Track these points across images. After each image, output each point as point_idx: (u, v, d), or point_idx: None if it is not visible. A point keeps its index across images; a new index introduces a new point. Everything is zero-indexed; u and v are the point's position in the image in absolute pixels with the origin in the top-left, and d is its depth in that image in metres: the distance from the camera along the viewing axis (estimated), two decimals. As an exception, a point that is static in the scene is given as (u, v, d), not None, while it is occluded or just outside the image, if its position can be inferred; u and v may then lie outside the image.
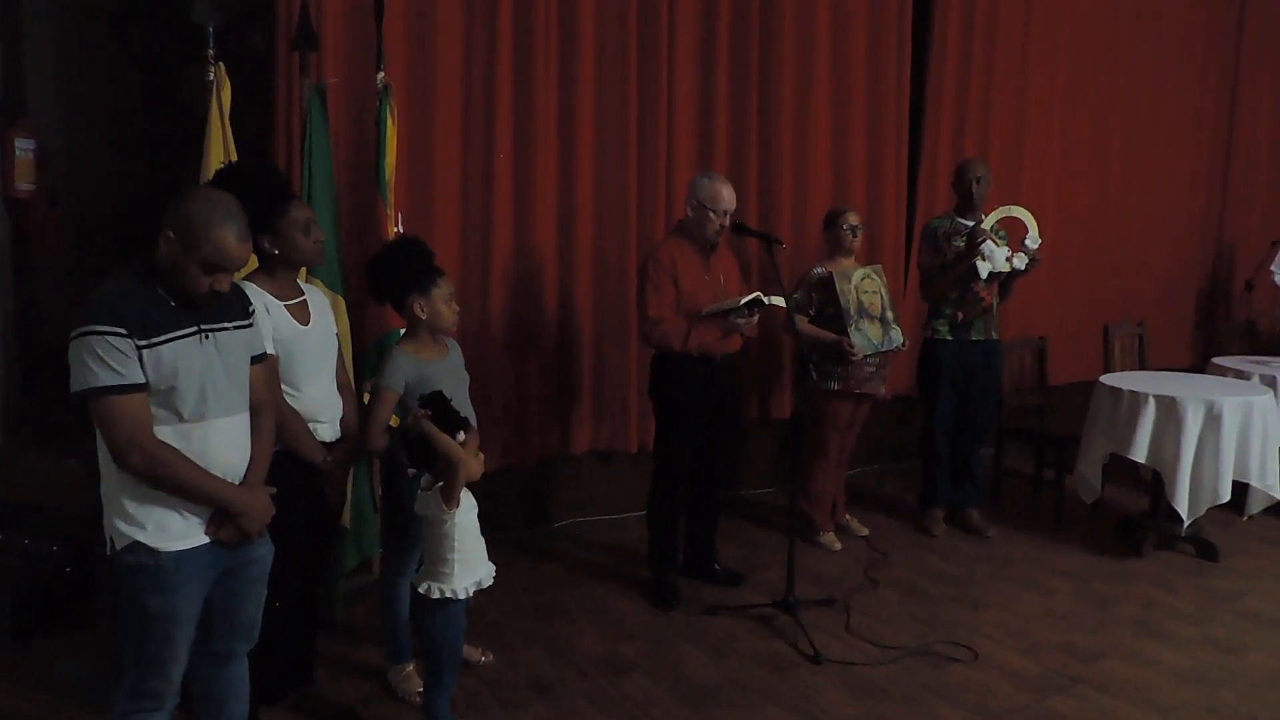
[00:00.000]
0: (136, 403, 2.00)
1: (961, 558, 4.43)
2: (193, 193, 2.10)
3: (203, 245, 2.01)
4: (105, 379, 1.96)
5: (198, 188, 2.18)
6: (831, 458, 4.54)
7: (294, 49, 3.45)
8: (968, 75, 5.77)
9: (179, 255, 2.02)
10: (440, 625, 2.64)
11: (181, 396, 2.05)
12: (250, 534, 2.19)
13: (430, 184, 4.09)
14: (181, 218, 2.02)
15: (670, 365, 3.77)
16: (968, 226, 4.53)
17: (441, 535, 2.57)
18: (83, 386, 1.98)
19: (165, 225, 2.02)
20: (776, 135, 5.08)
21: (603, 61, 4.50)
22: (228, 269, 2.06)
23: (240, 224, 2.06)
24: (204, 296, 2.07)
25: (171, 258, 2.03)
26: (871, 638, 3.56)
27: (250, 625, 2.33)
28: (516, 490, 4.58)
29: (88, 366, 1.96)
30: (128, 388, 1.98)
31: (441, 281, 2.90)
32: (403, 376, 2.84)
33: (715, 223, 3.73)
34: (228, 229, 2.03)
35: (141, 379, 2.00)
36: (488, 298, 4.30)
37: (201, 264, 2.02)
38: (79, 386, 1.98)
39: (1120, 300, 6.75)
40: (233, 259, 2.05)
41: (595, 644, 3.50)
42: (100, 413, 1.99)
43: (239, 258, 2.07)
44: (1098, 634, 3.64)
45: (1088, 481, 4.52)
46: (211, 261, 2.03)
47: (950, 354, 4.59)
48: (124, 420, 1.99)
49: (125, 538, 2.07)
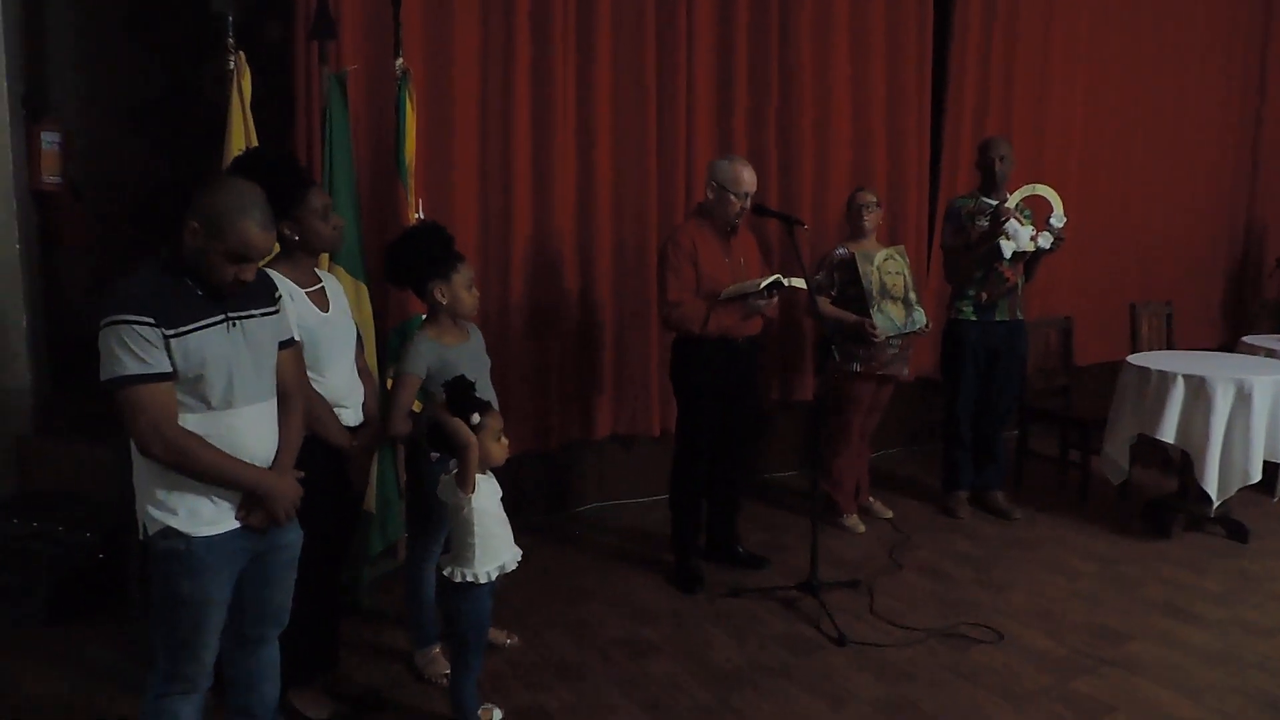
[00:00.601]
0: (162, 391, 2.02)
1: (986, 540, 4.40)
2: (217, 183, 2.11)
3: (227, 235, 2.02)
4: (132, 368, 1.98)
5: (222, 177, 2.19)
6: (854, 440, 4.52)
7: (312, 37, 3.46)
8: (989, 52, 5.70)
9: (204, 245, 2.03)
10: (465, 608, 2.66)
11: (209, 385, 2.07)
12: (279, 518, 2.21)
13: (450, 169, 4.09)
14: (206, 208, 2.03)
15: (690, 348, 3.76)
16: (991, 205, 4.48)
17: (462, 520, 2.59)
18: (111, 375, 2.00)
19: (190, 216, 2.04)
20: (797, 115, 5.05)
21: (621, 43, 4.48)
22: (252, 259, 2.07)
23: (264, 213, 2.07)
24: (229, 286, 2.08)
25: (197, 248, 2.04)
26: (896, 619, 3.55)
27: (280, 609, 2.36)
28: (538, 475, 4.60)
29: (115, 355, 1.98)
30: (154, 376, 2.00)
31: (462, 267, 2.91)
32: (424, 362, 2.86)
33: (735, 205, 3.71)
34: (251, 219, 2.05)
35: (168, 368, 2.02)
36: (508, 282, 4.30)
37: (226, 254, 2.04)
38: (107, 375, 2.00)
39: (1147, 279, 6.67)
40: (257, 249, 2.07)
41: (619, 627, 3.52)
42: (126, 401, 2.01)
43: (263, 247, 2.08)
44: (1125, 616, 3.61)
45: (1115, 462, 4.47)
46: (236, 251, 2.04)
47: (974, 335, 4.55)
48: (149, 409, 2.00)
49: (157, 523, 2.10)
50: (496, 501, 2.65)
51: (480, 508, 2.58)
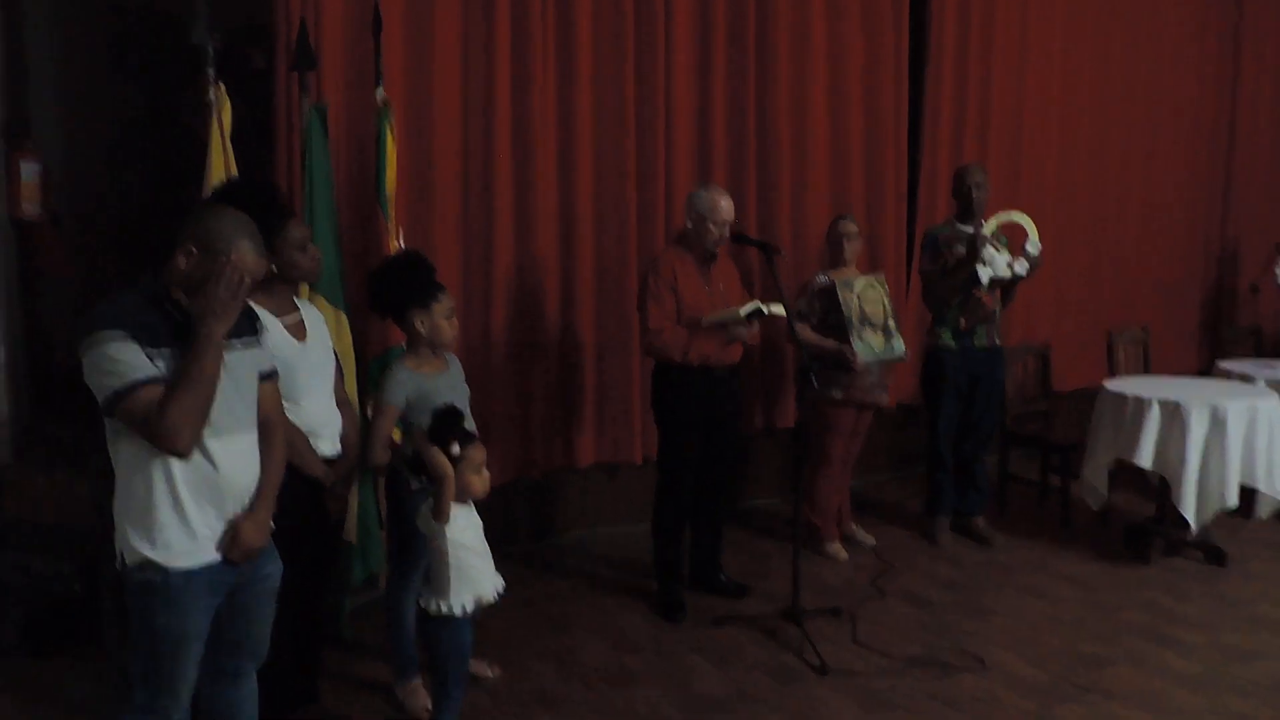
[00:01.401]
0: (158, 393, 1.99)
1: (968, 565, 4.42)
2: (210, 210, 2.14)
3: (223, 257, 2.04)
4: (125, 377, 1.97)
5: (218, 204, 2.21)
6: (836, 467, 4.53)
7: (293, 68, 3.48)
8: (965, 81, 5.78)
9: (198, 270, 2.04)
10: (444, 640, 2.65)
11: None
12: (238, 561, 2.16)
13: (431, 198, 4.11)
14: (202, 233, 2.05)
15: (671, 377, 3.78)
16: (967, 233, 4.53)
17: (437, 550, 2.58)
18: (107, 393, 1.98)
19: (185, 241, 2.05)
20: (775, 144, 5.10)
21: (600, 74, 4.52)
22: (247, 281, 2.07)
23: (258, 241, 2.11)
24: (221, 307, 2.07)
25: (189, 271, 2.05)
26: (878, 647, 3.55)
27: (259, 642, 2.34)
28: (522, 503, 4.59)
29: (105, 371, 1.97)
30: (147, 381, 1.98)
31: (442, 297, 2.92)
32: (403, 392, 2.86)
33: (714, 233, 3.74)
34: (248, 244, 2.08)
35: (157, 372, 2.00)
36: (490, 310, 4.31)
37: (223, 284, 2.03)
38: (104, 393, 1.99)
39: (1123, 305, 6.73)
40: (252, 272, 2.09)
41: (601, 656, 3.50)
42: (127, 412, 1.99)
43: (257, 271, 2.10)
44: (1106, 641, 3.62)
45: (1093, 488, 4.50)
46: (237, 279, 2.04)
47: (954, 361, 4.58)
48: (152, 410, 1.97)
49: (136, 554, 2.08)
50: (475, 533, 2.64)
51: (456, 539, 2.57)
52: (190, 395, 2.00)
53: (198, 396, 2.02)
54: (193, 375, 2.01)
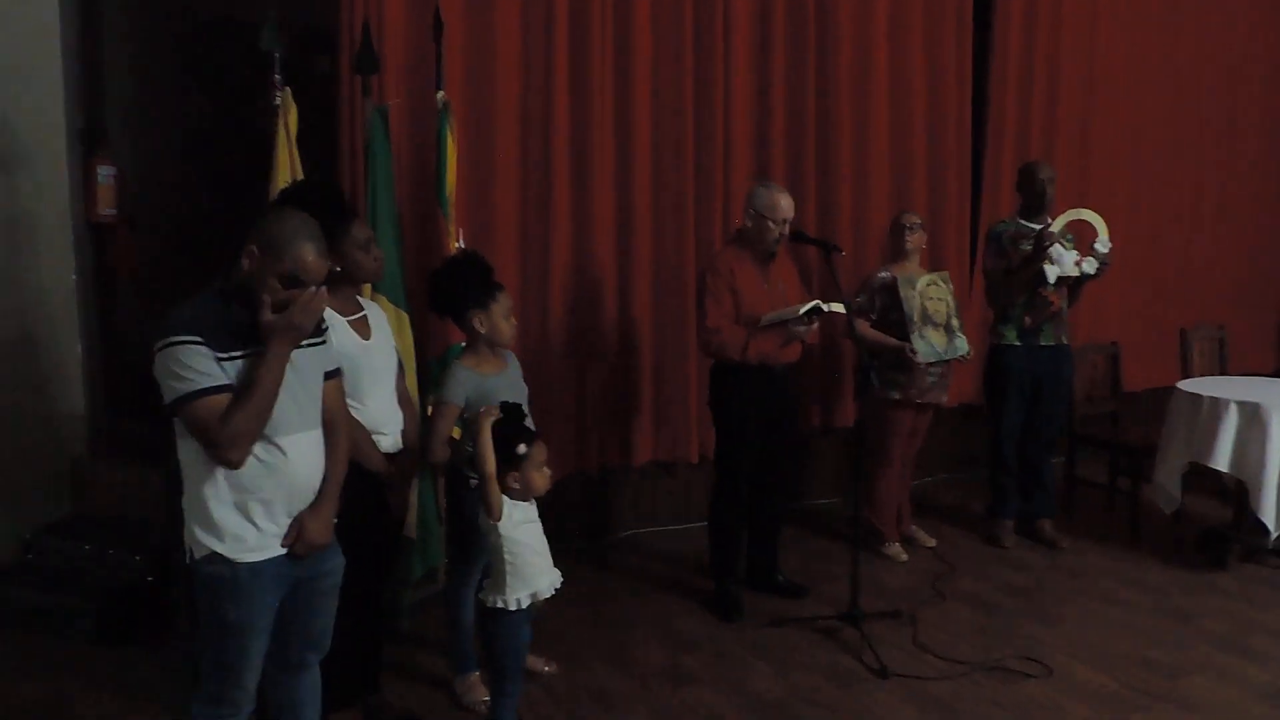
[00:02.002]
0: (223, 402, 2.05)
1: (1033, 570, 4.31)
2: (278, 212, 2.19)
3: (284, 257, 2.08)
4: (195, 382, 2.03)
5: (283, 208, 2.25)
6: (895, 467, 4.46)
7: (356, 72, 3.54)
8: (1031, 72, 5.64)
9: (260, 269, 2.09)
10: (501, 634, 2.67)
11: None
12: (302, 324, 2.14)
13: (490, 198, 4.15)
14: (266, 233, 2.10)
15: (729, 375, 3.76)
16: (1033, 230, 4.42)
17: (493, 546, 2.60)
18: (174, 395, 2.04)
19: (250, 241, 2.10)
20: (835, 140, 5.04)
21: (658, 71, 4.52)
22: (305, 283, 2.11)
23: (320, 243, 2.14)
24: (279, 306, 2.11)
25: (253, 271, 2.10)
26: (940, 651, 3.49)
27: (322, 635, 2.38)
28: (577, 501, 4.60)
29: (174, 375, 2.03)
30: (213, 389, 2.04)
31: (501, 296, 2.94)
32: (463, 391, 2.89)
33: (774, 231, 3.71)
34: (308, 245, 2.11)
35: (225, 380, 2.06)
36: (547, 309, 4.34)
37: (281, 277, 2.09)
38: (170, 397, 2.05)
39: (1198, 302, 6.51)
40: (310, 273, 2.12)
41: (658, 655, 3.50)
42: (190, 417, 2.05)
43: (316, 273, 2.13)
44: (1179, 650, 3.51)
45: (1166, 491, 4.36)
46: (290, 274, 2.09)
47: (1018, 360, 4.48)
48: (214, 419, 2.03)
49: (204, 548, 2.14)
50: (534, 529, 2.65)
51: (513, 535, 2.59)
52: (252, 408, 2.06)
53: (259, 410, 2.08)
54: (256, 391, 2.07)
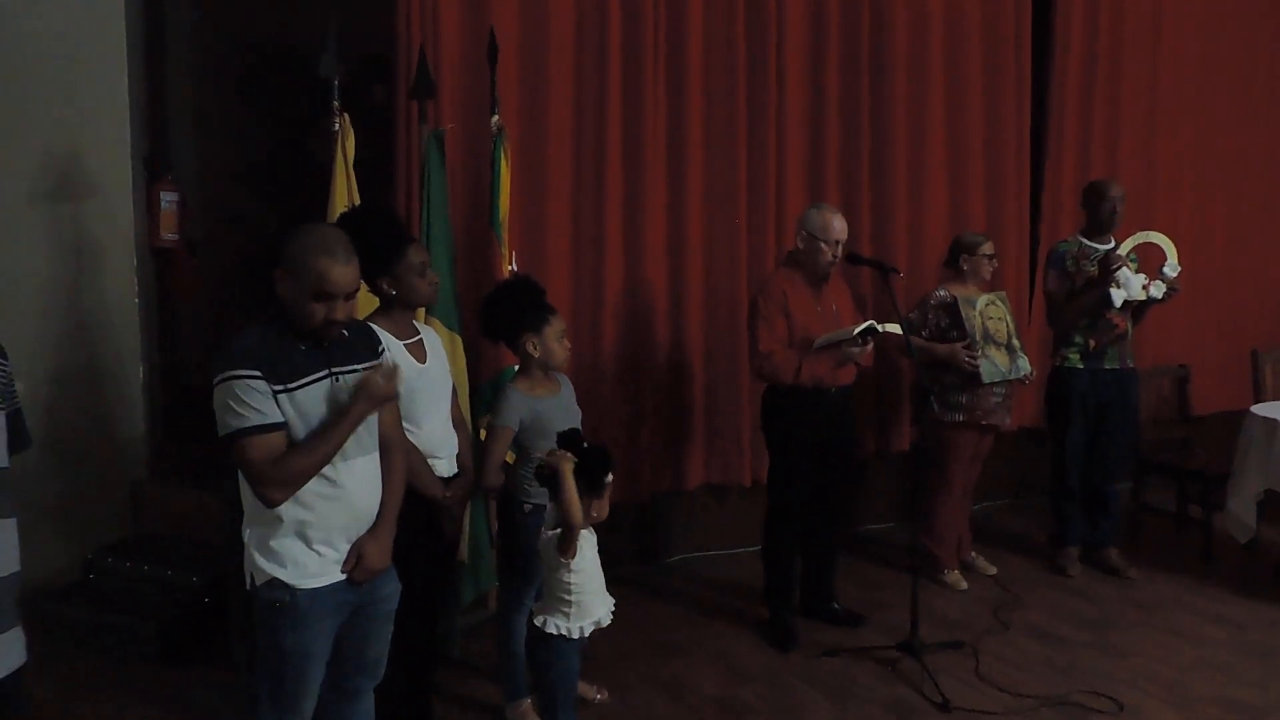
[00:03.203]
0: (275, 440, 2.07)
1: (1101, 600, 4.16)
2: (296, 231, 2.16)
3: (306, 274, 2.07)
4: (250, 419, 2.04)
5: (302, 225, 2.24)
6: (956, 492, 4.35)
7: (413, 97, 3.58)
8: (1092, 89, 5.52)
9: (292, 290, 2.09)
10: (554, 662, 2.62)
11: None
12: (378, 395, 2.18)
13: (543, 223, 4.16)
14: (288, 254, 2.10)
15: (782, 398, 3.70)
16: (1097, 250, 4.31)
17: (559, 580, 2.55)
18: (228, 430, 2.06)
19: (278, 266, 2.11)
20: (890, 160, 4.97)
21: (711, 94, 4.50)
22: (334, 294, 2.09)
23: (342, 251, 2.10)
24: (321, 328, 2.11)
25: (286, 295, 2.11)
26: (1004, 685, 3.37)
27: (377, 662, 2.37)
28: (629, 525, 4.56)
29: (231, 409, 2.05)
30: (267, 427, 2.05)
31: (553, 319, 2.93)
32: (517, 414, 2.87)
33: (827, 253, 3.65)
34: (328, 256, 2.08)
35: (280, 418, 2.07)
36: (600, 333, 4.33)
37: (310, 293, 2.08)
38: (225, 430, 2.07)
39: (1270, 323, 6.28)
40: (336, 284, 2.09)
41: (712, 685, 3.43)
42: (242, 452, 2.06)
43: (343, 283, 2.10)
44: (1261, 690, 3.34)
45: (1240, 519, 4.19)
46: (316, 289, 2.08)
47: (1082, 383, 4.35)
48: (263, 457, 2.05)
49: (264, 574, 2.14)
50: (594, 555, 2.61)
51: (578, 568, 2.55)
52: (313, 459, 2.09)
53: (317, 463, 2.10)
54: (321, 445, 2.09)
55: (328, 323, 2.12)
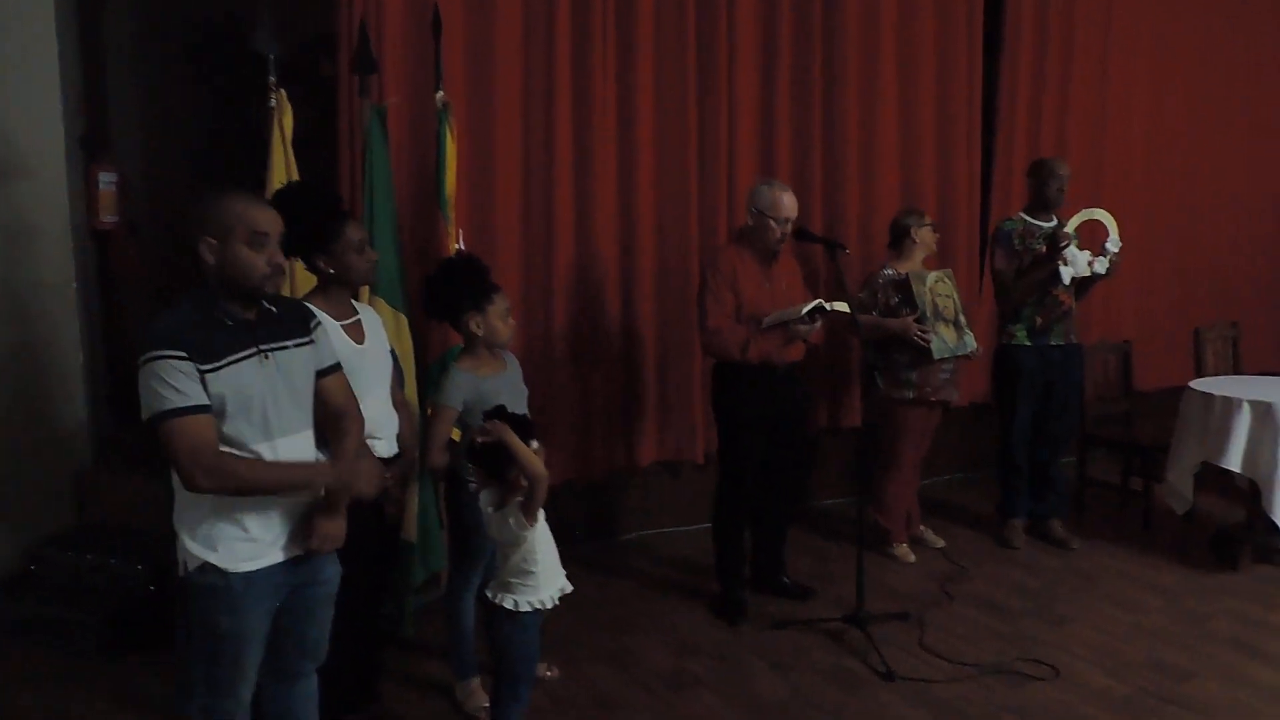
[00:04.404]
0: (201, 424, 2.03)
1: (1043, 571, 4.25)
2: (209, 199, 2.13)
3: (234, 224, 2.06)
4: (172, 401, 2.00)
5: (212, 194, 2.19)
6: (906, 467, 4.41)
7: (354, 72, 3.52)
8: (1044, 68, 5.56)
9: (222, 251, 2.07)
10: (519, 638, 2.61)
11: (245, 418, 2.09)
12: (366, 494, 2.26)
13: (491, 199, 4.13)
14: (207, 219, 2.08)
15: (731, 375, 3.72)
16: (1041, 228, 4.37)
17: (524, 552, 2.54)
18: (151, 411, 2.02)
19: (199, 237, 2.08)
20: (842, 137, 4.99)
21: (661, 70, 4.48)
22: (267, 232, 2.09)
23: (257, 199, 2.11)
24: (268, 277, 2.09)
25: (217, 259, 2.08)
26: (947, 654, 3.44)
27: (317, 644, 2.36)
28: (582, 503, 4.57)
29: (154, 391, 2.01)
30: (191, 409, 2.02)
31: (497, 298, 2.92)
32: (460, 394, 2.86)
33: (776, 231, 3.67)
34: (246, 200, 2.10)
35: (205, 400, 2.04)
36: (551, 310, 4.31)
37: (247, 242, 2.07)
38: (148, 412, 2.03)
39: (1212, 300, 6.42)
40: (268, 222, 2.10)
41: (661, 659, 3.46)
42: (166, 435, 2.02)
43: (272, 221, 2.11)
44: (1190, 652, 3.45)
45: (1178, 491, 4.30)
46: (248, 234, 2.07)
47: (1029, 360, 4.42)
48: (189, 441, 2.02)
49: (196, 559, 2.11)
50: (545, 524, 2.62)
51: (539, 537, 2.55)
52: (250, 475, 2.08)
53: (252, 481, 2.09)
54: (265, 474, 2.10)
55: (273, 269, 2.10)
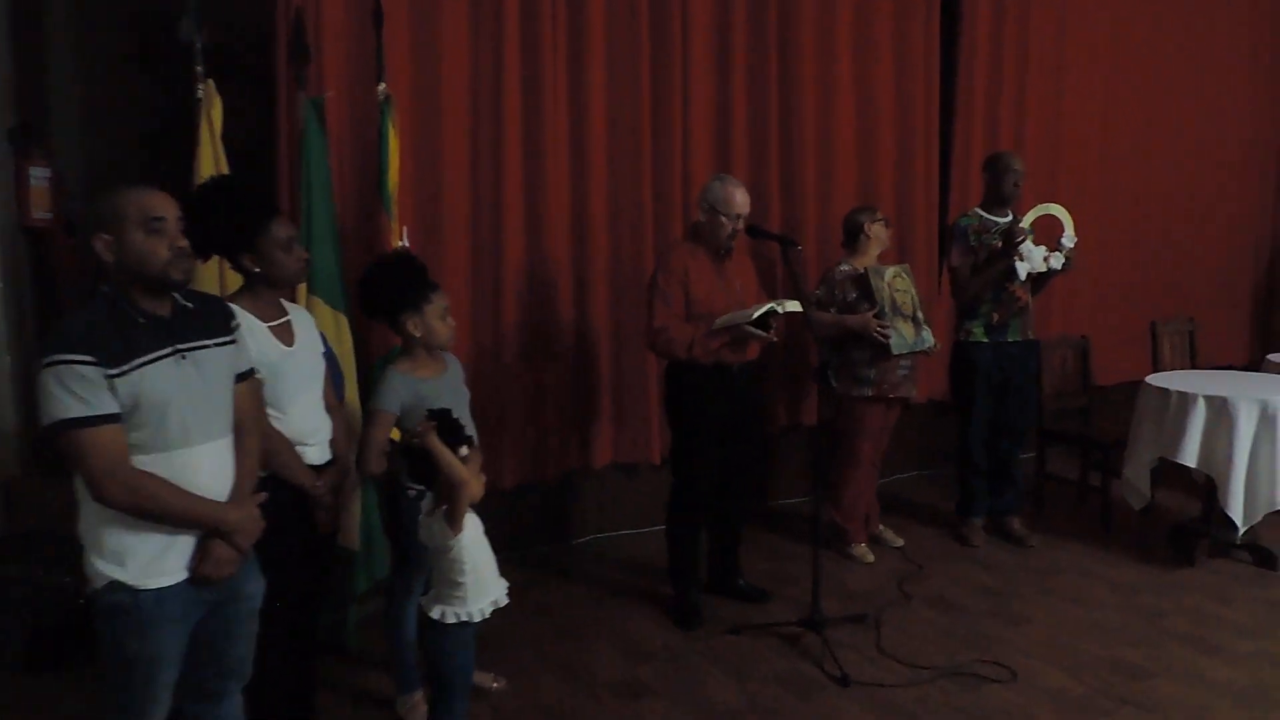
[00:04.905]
0: (109, 434, 1.92)
1: (1002, 569, 4.22)
2: (101, 196, 2.03)
3: (129, 213, 1.96)
4: (75, 410, 1.88)
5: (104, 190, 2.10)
6: (864, 465, 4.36)
7: (289, 63, 3.39)
8: (1000, 63, 5.55)
9: (120, 244, 1.96)
10: (451, 650, 2.51)
11: (160, 423, 1.97)
12: (243, 551, 2.11)
13: (439, 195, 4.01)
14: (100, 215, 1.97)
15: (684, 375, 3.64)
16: (997, 223, 4.34)
17: (450, 560, 2.45)
18: (52, 419, 1.90)
19: (94, 236, 1.96)
20: (799, 132, 4.93)
21: (614, 61, 4.38)
22: (164, 217, 1.99)
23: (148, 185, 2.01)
24: (172, 262, 1.98)
25: (120, 253, 1.96)
26: (903, 657, 3.38)
27: (241, 662, 2.24)
28: (537, 506, 4.48)
29: (56, 398, 1.89)
30: (98, 419, 1.90)
31: (435, 296, 2.81)
32: (397, 397, 2.75)
33: (728, 227, 3.59)
34: (137, 188, 1.99)
35: (114, 408, 1.92)
36: (501, 309, 4.20)
37: (143, 228, 1.96)
38: (49, 419, 1.91)
39: (1169, 295, 6.45)
40: (162, 206, 1.99)
41: (613, 667, 3.37)
42: (72, 446, 1.91)
43: (166, 205, 2.00)
44: (1147, 650, 3.42)
45: (1135, 487, 4.28)
46: (143, 220, 1.96)
47: (986, 356, 4.39)
48: (98, 452, 1.91)
49: (104, 576, 2.00)
50: (481, 533, 2.52)
51: (471, 546, 2.45)
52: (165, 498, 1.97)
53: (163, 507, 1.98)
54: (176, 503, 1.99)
55: (177, 254, 1.99)
